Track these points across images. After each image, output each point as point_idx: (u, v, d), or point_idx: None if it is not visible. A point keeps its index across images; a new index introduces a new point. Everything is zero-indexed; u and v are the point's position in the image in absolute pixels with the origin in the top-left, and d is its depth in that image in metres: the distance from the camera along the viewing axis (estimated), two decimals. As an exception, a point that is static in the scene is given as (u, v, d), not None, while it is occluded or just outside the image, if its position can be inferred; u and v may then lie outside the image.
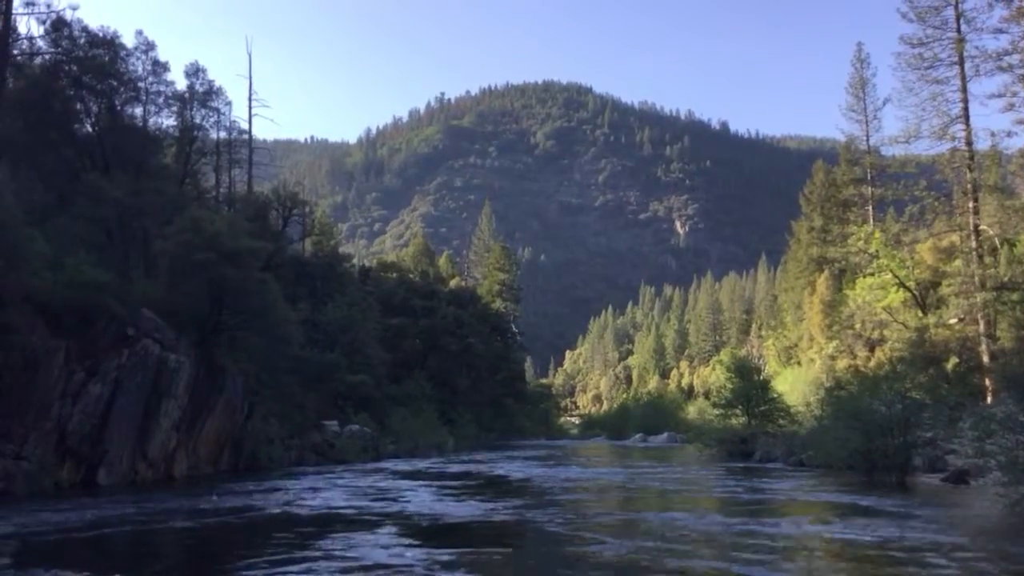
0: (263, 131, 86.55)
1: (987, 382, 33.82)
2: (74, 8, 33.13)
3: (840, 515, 16.72)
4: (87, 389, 22.00)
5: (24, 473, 19.49)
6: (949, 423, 23.97)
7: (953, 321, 37.88)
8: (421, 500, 19.22)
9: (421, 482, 24.54)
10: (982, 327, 35.42)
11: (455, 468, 31.76)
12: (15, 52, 32.55)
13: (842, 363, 46.94)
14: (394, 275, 73.26)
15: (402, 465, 32.92)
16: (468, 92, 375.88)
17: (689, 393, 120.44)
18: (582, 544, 12.92)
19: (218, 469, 27.07)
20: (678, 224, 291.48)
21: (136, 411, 23.26)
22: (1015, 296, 35.26)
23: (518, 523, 16.22)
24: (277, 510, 17.31)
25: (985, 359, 34.84)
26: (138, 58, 36.76)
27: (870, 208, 55.89)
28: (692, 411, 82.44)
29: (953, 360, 36.64)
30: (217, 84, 42.96)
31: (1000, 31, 35.08)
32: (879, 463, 24.10)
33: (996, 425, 17.17)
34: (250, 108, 51.76)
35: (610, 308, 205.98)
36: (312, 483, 23.75)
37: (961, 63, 36.34)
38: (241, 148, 51.16)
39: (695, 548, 12.50)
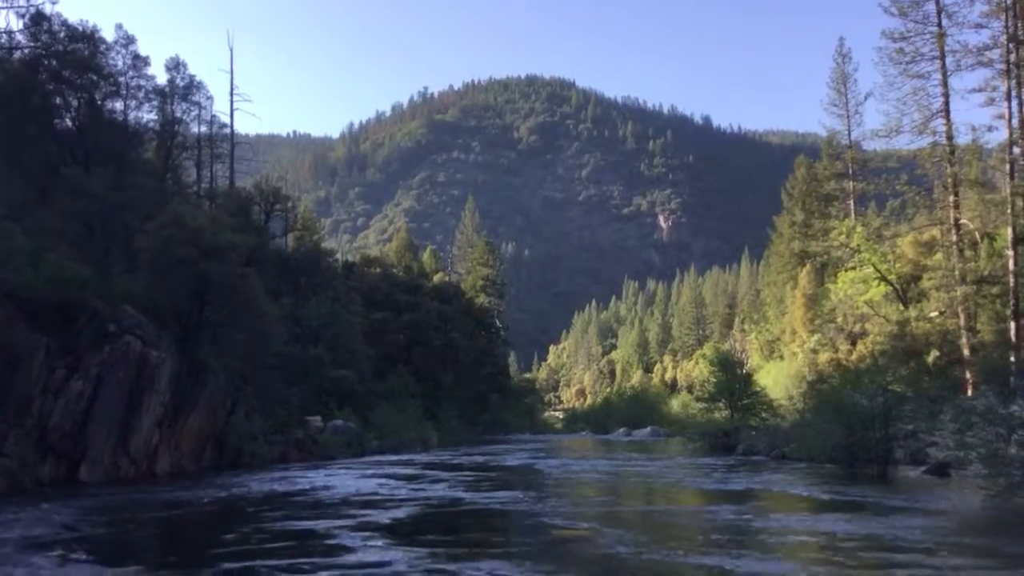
0: (245, 126, 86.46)
1: (967, 375, 34.07)
2: (53, 2, 32.93)
3: (821, 508, 16.84)
4: (68, 385, 21.85)
5: (5, 470, 19.33)
6: (930, 416, 24.12)
7: (934, 314, 38.15)
8: (413, 492, 19.20)
9: (410, 474, 24.52)
10: (962, 320, 35.67)
11: (441, 462, 31.73)
12: (-6, 46, 32.30)
13: (824, 356, 47.23)
14: (377, 270, 73.16)
15: (387, 460, 32.88)
16: (451, 86, 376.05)
17: (672, 387, 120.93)
18: (574, 535, 12.98)
19: (201, 466, 26.90)
20: (661, 219, 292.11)
21: (118, 408, 23.11)
22: (995, 289, 35.52)
23: (509, 513, 16.27)
24: (273, 501, 17.27)
25: (965, 352, 35.10)
26: (118, 52, 36.62)
27: (851, 202, 56.21)
28: (675, 405, 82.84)
29: (934, 353, 36.92)
30: (198, 79, 42.83)
31: (981, 26, 35.28)
32: (861, 456, 24.25)
33: (976, 417, 17.29)
34: (232, 102, 51.58)
35: (593, 303, 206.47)
36: (299, 478, 23.69)
37: (942, 57, 36.54)
38: (223, 143, 50.95)
39: (680, 540, 12.56)
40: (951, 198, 36.66)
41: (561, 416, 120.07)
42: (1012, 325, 32.84)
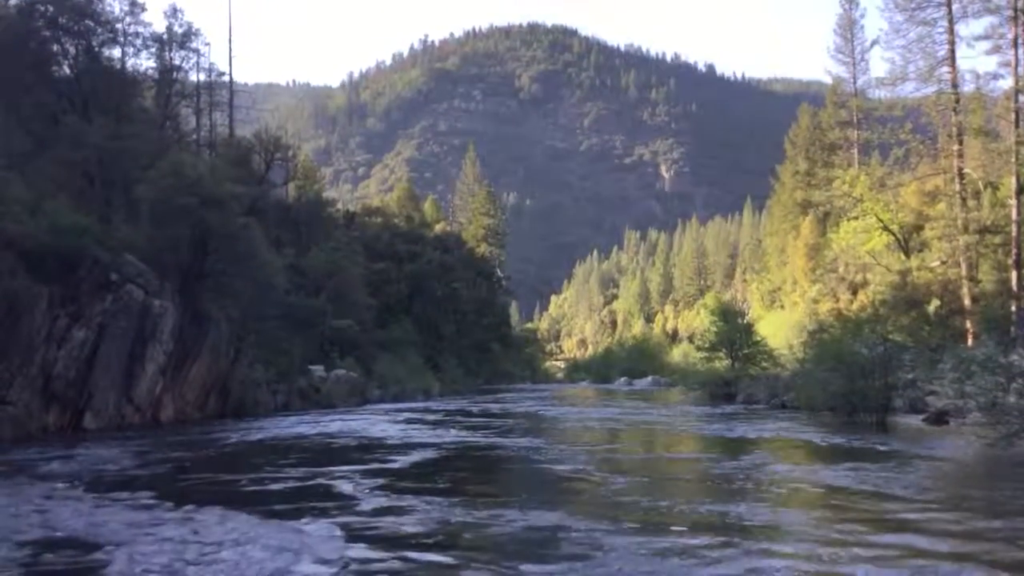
0: (244, 74, 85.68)
1: (968, 324, 34.14)
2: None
3: (819, 456, 16.98)
4: (71, 334, 21.94)
5: (10, 418, 19.50)
6: (930, 365, 24.22)
7: (935, 264, 38.12)
8: (418, 438, 19.35)
9: (413, 421, 24.71)
10: (964, 270, 35.66)
11: (443, 410, 31.94)
12: (-12, -8, 31.89)
13: (825, 306, 47.26)
14: (379, 220, 73.02)
15: (389, 408, 33.10)
16: (452, 34, 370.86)
17: (673, 337, 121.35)
18: (580, 481, 13.11)
19: (205, 414, 27.13)
20: (663, 168, 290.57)
21: (121, 356, 23.24)
22: (997, 239, 35.47)
23: (516, 460, 16.47)
24: (282, 447, 17.45)
25: (966, 301, 35.14)
26: (114, -2, 36.08)
27: (855, 151, 55.81)
28: (676, 355, 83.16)
29: (935, 303, 36.93)
30: (195, 26, 42.32)
31: (989, -29, 34.76)
32: (860, 405, 24.37)
33: (976, 367, 17.34)
34: (230, 50, 51.62)
35: (595, 253, 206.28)
36: (305, 425, 23.88)
37: (949, 4, 36.06)
38: (222, 91, 50.47)
39: (682, 487, 12.69)
40: (955, 147, 36.42)
41: (562, 366, 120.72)
42: (1013, 275, 32.83)
